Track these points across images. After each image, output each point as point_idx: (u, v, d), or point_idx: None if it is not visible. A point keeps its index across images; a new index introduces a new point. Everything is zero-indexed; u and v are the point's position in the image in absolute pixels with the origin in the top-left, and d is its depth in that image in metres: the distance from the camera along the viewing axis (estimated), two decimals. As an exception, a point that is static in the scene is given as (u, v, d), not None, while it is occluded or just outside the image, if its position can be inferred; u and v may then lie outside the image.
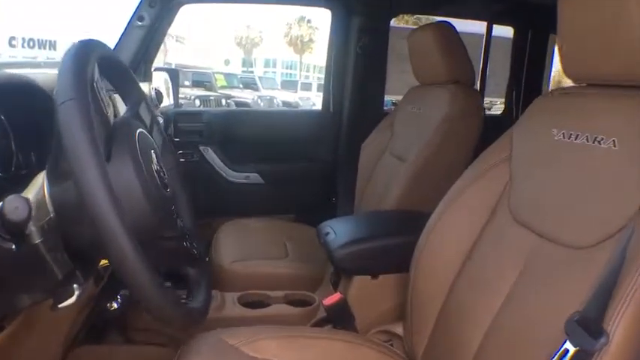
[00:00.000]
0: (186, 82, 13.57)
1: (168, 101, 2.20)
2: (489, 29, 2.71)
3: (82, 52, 0.74)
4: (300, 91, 20.41)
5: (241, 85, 17.03)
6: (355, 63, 2.41)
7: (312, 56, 36.25)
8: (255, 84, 18.26)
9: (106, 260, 0.78)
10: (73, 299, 0.76)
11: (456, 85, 1.79)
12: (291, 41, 36.35)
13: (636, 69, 0.88)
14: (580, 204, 0.90)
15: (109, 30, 2.13)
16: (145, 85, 2.07)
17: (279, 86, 23.03)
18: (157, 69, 2.22)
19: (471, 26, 2.72)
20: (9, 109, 0.87)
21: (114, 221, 0.64)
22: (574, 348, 0.73)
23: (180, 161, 2.26)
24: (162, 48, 2.33)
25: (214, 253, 1.84)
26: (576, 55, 0.98)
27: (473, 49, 1.94)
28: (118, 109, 1.14)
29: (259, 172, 2.46)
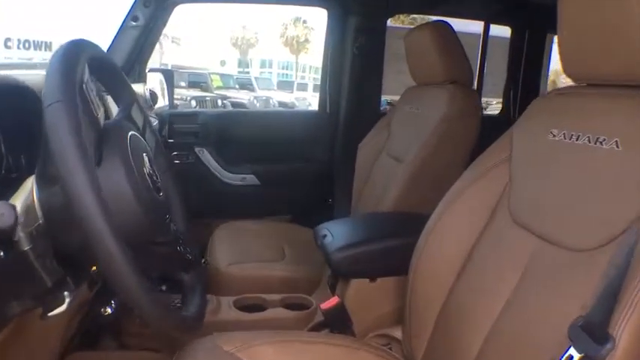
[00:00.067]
0: (182, 83, 13.60)
1: (163, 102, 2.19)
2: (486, 29, 2.71)
3: (71, 53, 0.72)
4: (297, 92, 20.44)
5: (237, 86, 17.08)
6: (352, 63, 2.40)
7: (308, 57, 36.33)
8: (252, 84, 18.31)
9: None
10: (63, 307, 0.74)
11: (454, 85, 1.77)
12: (287, 42, 36.38)
13: (637, 69, 0.86)
14: (581, 206, 0.89)
15: (105, 31, 2.11)
16: (140, 86, 2.05)
17: (275, 87, 23.04)
18: (152, 70, 2.21)
19: (469, 26, 2.72)
20: None
21: (101, 225, 0.62)
22: (579, 354, 0.71)
23: (176, 163, 2.30)
24: (158, 49, 2.32)
25: (210, 255, 1.83)
26: (577, 55, 0.97)
27: (470, 49, 1.93)
28: (110, 110, 1.13)
29: (255, 173, 2.45)
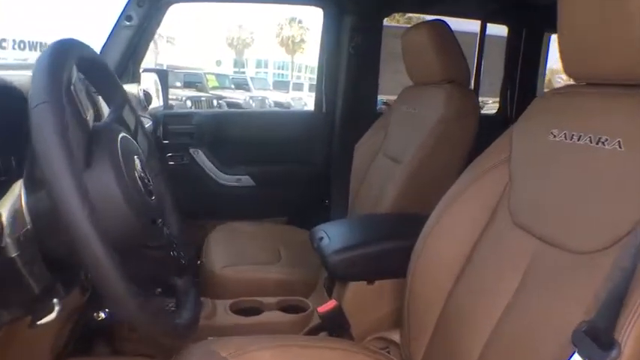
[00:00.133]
0: (178, 83, 13.58)
1: (157, 103, 2.17)
2: (483, 28, 2.69)
3: (59, 53, 0.70)
4: (292, 92, 20.44)
5: (233, 86, 17.05)
6: (348, 63, 2.38)
7: (303, 56, 36.34)
8: (247, 84, 18.31)
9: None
10: (52, 316, 0.72)
11: (452, 85, 1.75)
12: (283, 42, 36.38)
13: (637, 68, 0.84)
14: (583, 207, 0.87)
15: (102, 31, 2.08)
16: (134, 87, 2.04)
17: (270, 87, 23.04)
18: (146, 70, 2.19)
19: (466, 25, 2.70)
20: None
21: (87, 229, 0.60)
22: (583, 360, 0.70)
23: (170, 164, 2.28)
24: (153, 49, 2.31)
25: (205, 258, 1.81)
26: (577, 54, 0.95)
27: (467, 47, 1.91)
28: (102, 112, 1.11)
29: (251, 174, 2.42)
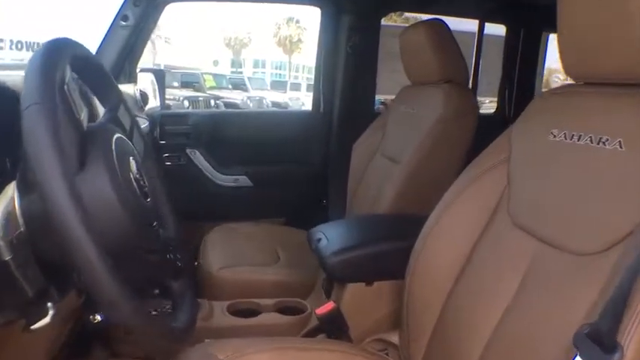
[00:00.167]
0: (175, 83, 13.58)
1: (154, 103, 2.16)
2: (481, 27, 2.68)
3: (51, 53, 0.69)
4: (290, 92, 20.44)
5: (230, 86, 17.04)
6: (345, 62, 2.37)
7: (301, 56, 36.32)
8: (245, 84, 18.30)
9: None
10: (47, 320, 0.71)
11: (450, 85, 1.74)
12: (280, 42, 36.36)
13: (637, 67, 0.84)
14: (584, 208, 0.86)
15: (100, 31, 2.07)
16: (130, 87, 2.02)
17: (268, 87, 23.01)
18: (143, 70, 2.18)
19: (463, 24, 2.70)
20: None
21: (79, 232, 0.59)
22: (585, 364, 0.69)
23: (167, 165, 2.27)
24: (150, 49, 2.30)
25: (202, 259, 1.79)
26: (577, 54, 0.94)
27: (464, 47, 1.90)
28: (97, 112, 1.09)
29: (248, 174, 2.41)
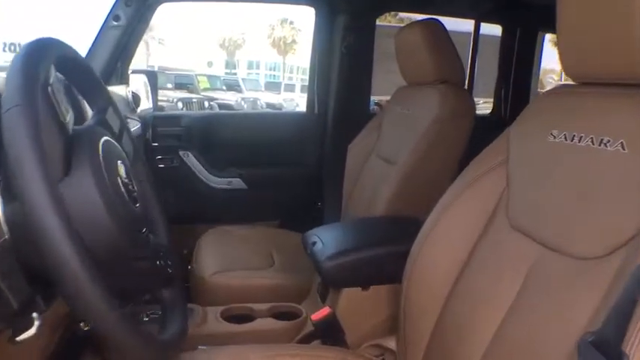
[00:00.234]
0: (169, 85, 13.53)
1: (147, 104, 2.13)
2: (477, 28, 2.67)
3: (35, 53, 0.66)
4: (284, 93, 20.44)
5: (224, 87, 17.00)
6: (340, 63, 2.35)
7: (295, 58, 36.34)
8: (239, 86, 18.27)
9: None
10: (32, 331, 0.68)
11: (446, 85, 1.72)
12: (275, 43, 36.36)
13: (637, 68, 0.81)
14: (585, 211, 0.84)
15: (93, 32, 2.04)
16: (122, 88, 1.99)
17: (262, 88, 22.98)
18: (135, 71, 2.15)
19: (460, 24, 2.68)
20: None
21: (60, 240, 0.56)
22: (590, 374, 0.66)
23: (160, 167, 2.24)
24: (144, 51, 2.27)
25: (195, 263, 1.77)
26: (576, 54, 0.92)
27: (460, 47, 1.88)
28: (87, 115, 1.07)
29: (242, 176, 2.39)
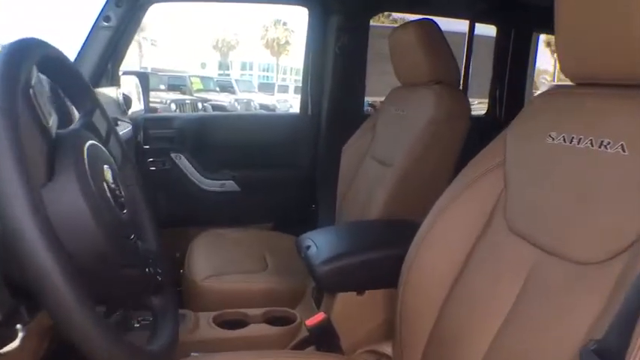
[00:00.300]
0: (162, 86, 13.50)
1: (138, 106, 2.11)
2: (472, 28, 2.66)
3: (15, 53, 0.63)
4: (278, 94, 20.44)
5: (218, 89, 17.00)
6: (334, 63, 2.34)
7: (288, 59, 36.33)
8: (232, 87, 18.28)
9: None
10: (15, 343, 0.65)
11: (441, 86, 1.71)
12: (268, 44, 36.35)
13: (637, 68, 0.80)
14: (585, 214, 0.82)
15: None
16: (113, 90, 1.97)
17: (256, 89, 22.96)
18: (126, 73, 2.13)
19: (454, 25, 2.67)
20: None
21: (38, 251, 0.54)
22: (593, 383, 0.64)
23: (151, 170, 2.21)
24: (137, 52, 2.25)
25: (187, 267, 1.74)
26: (575, 55, 0.90)
27: (455, 47, 1.87)
28: (75, 117, 1.04)
29: (235, 179, 2.36)
